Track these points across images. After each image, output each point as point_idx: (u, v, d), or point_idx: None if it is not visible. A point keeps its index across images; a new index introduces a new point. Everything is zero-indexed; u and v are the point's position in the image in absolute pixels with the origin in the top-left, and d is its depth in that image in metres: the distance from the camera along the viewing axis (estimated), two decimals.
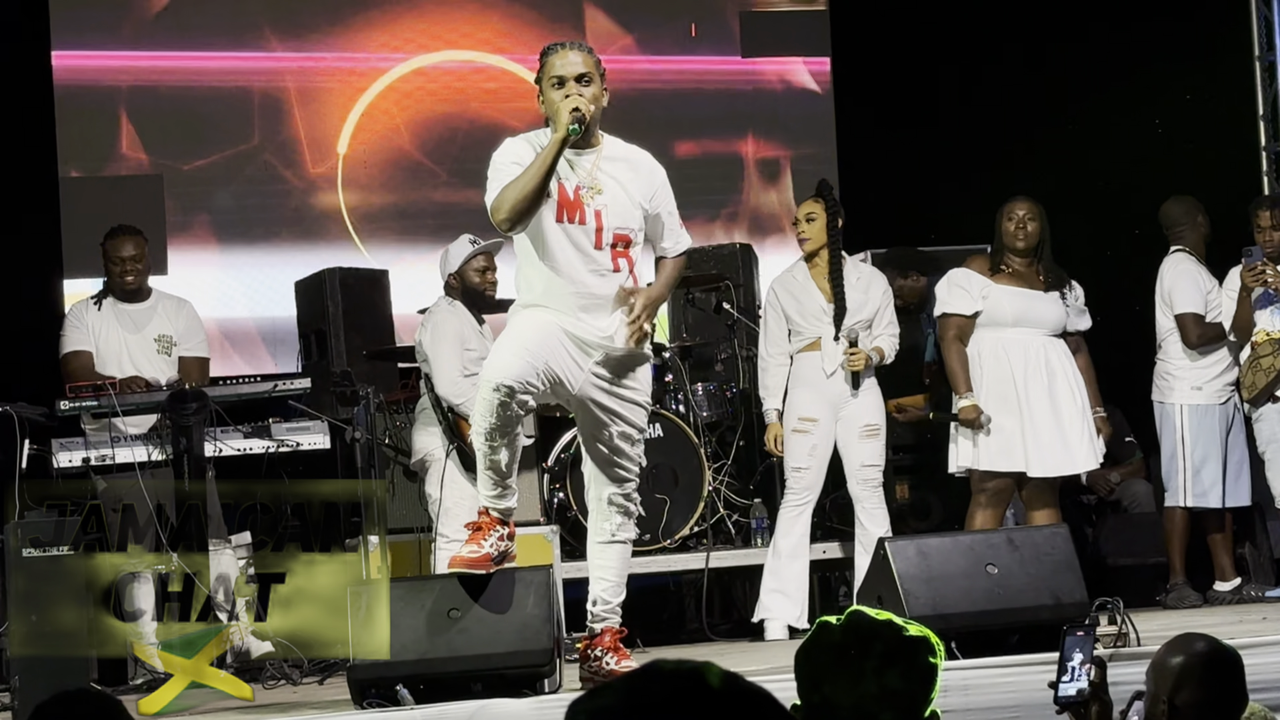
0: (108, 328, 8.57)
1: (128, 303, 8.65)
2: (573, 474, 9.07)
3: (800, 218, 8.86)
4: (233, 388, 8.06)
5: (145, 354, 8.55)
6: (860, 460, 8.71)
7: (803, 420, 8.75)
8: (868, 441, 8.74)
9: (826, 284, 8.76)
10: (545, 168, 6.37)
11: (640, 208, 6.59)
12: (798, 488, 8.76)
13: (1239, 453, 9.34)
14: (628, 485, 6.74)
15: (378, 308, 10.11)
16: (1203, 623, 7.89)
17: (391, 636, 6.64)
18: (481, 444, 6.44)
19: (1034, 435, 8.51)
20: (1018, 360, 8.57)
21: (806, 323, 8.77)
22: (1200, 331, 9.27)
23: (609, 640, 6.79)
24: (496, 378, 6.31)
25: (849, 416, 8.75)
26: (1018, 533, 7.63)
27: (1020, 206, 8.73)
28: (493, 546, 6.59)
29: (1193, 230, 9.42)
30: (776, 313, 8.85)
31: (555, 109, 6.45)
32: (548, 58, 6.56)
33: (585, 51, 6.58)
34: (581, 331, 6.52)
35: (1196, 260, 9.39)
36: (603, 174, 6.54)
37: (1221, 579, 9.34)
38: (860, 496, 8.72)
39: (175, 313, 8.74)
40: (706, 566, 9.20)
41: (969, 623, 6.99)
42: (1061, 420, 8.54)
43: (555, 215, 6.49)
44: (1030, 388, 8.54)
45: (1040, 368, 8.56)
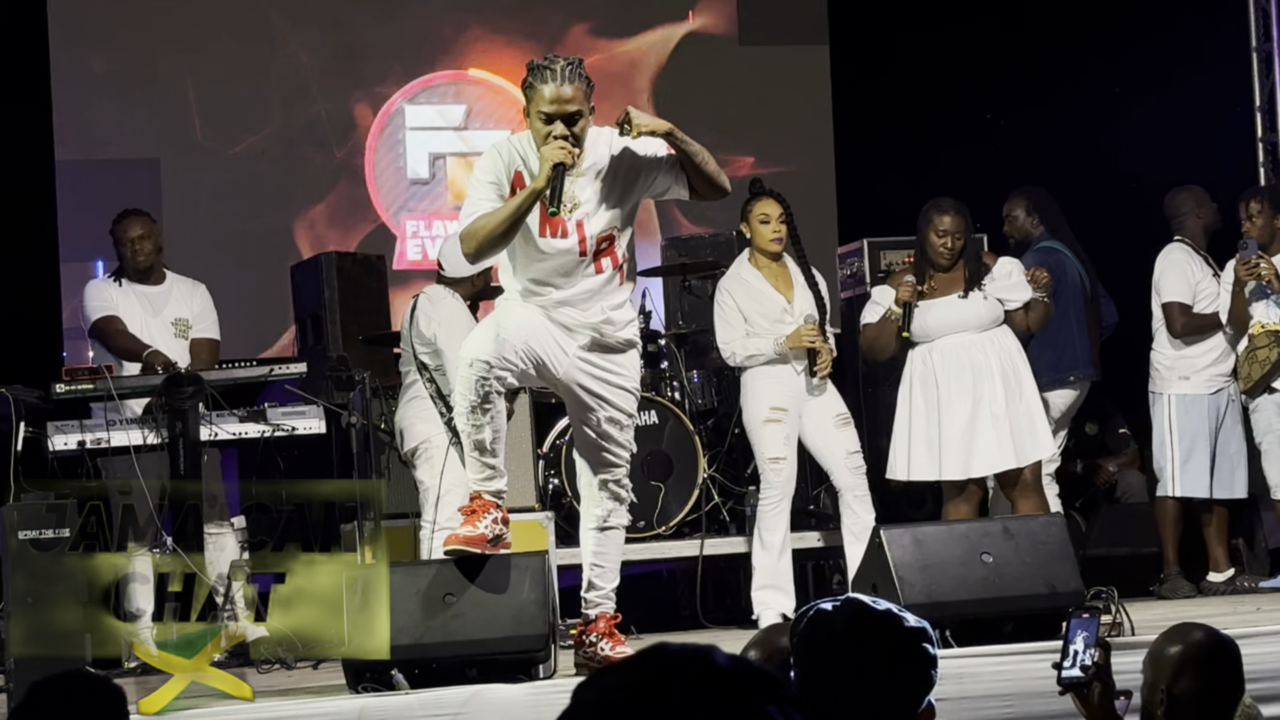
0: (130, 307, 8.61)
1: (144, 284, 8.68)
2: (567, 461, 9.07)
3: (771, 217, 8.74)
4: (228, 372, 8.07)
5: (164, 336, 8.57)
6: (844, 448, 8.69)
7: (774, 410, 8.70)
8: (844, 429, 8.73)
9: (779, 284, 8.74)
10: (516, 216, 6.38)
11: (624, 200, 6.55)
12: (777, 480, 8.71)
13: (1235, 444, 9.35)
14: (617, 470, 6.75)
15: (375, 292, 10.10)
16: (1196, 613, 7.91)
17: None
18: (464, 423, 6.49)
19: (951, 438, 8.50)
20: (941, 366, 8.56)
21: (769, 324, 8.69)
22: (1185, 321, 9.29)
23: (604, 626, 6.81)
24: (472, 354, 6.38)
25: (815, 410, 8.73)
26: (1013, 521, 7.63)
27: (945, 219, 8.63)
28: (487, 528, 6.61)
29: (1193, 220, 9.45)
30: (735, 312, 8.73)
31: (540, 138, 6.40)
32: (537, 86, 6.41)
33: (575, 81, 6.42)
34: (566, 319, 6.55)
35: (1191, 250, 9.41)
36: (580, 189, 6.53)
37: (1215, 570, 9.35)
38: (850, 484, 8.70)
39: (190, 295, 8.79)
40: (701, 554, 9.21)
41: (964, 611, 7.00)
42: (993, 418, 8.51)
43: (538, 230, 6.50)
44: (952, 392, 8.52)
45: (965, 369, 8.54)
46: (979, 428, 8.50)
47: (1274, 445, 9.08)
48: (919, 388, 8.61)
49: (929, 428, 8.56)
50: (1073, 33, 11.75)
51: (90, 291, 8.76)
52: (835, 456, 8.72)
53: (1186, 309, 9.31)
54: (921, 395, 8.60)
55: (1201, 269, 9.38)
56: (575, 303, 6.56)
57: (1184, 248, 9.42)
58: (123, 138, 11.53)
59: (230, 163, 11.67)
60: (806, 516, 9.45)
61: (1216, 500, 9.36)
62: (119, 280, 8.71)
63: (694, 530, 9.37)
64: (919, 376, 8.61)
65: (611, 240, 6.57)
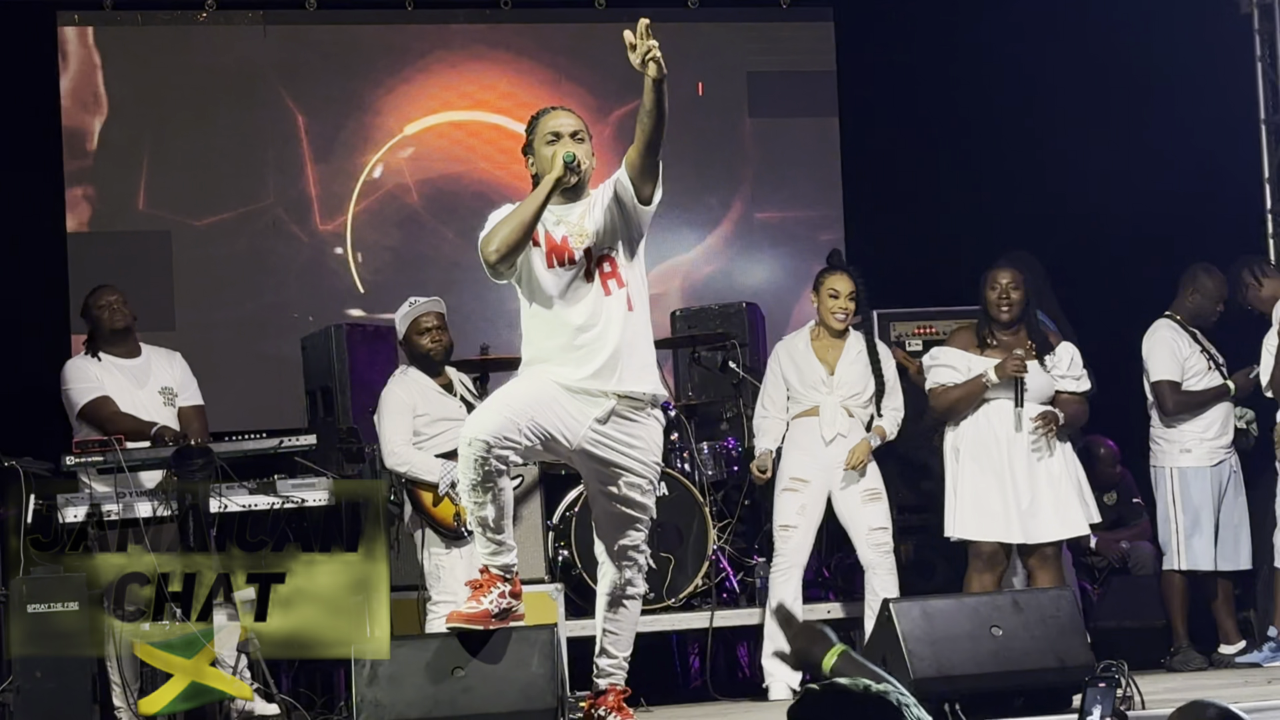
0: (115, 382, 8.56)
1: (122, 357, 8.65)
2: (577, 532, 9.08)
3: (841, 293, 8.86)
4: (238, 444, 8.05)
5: (155, 406, 8.54)
6: (868, 524, 8.73)
7: (794, 480, 8.80)
8: (871, 505, 8.77)
9: (828, 355, 8.84)
10: (538, 204, 6.44)
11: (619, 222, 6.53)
12: (785, 549, 8.79)
13: (1238, 516, 9.35)
14: (636, 536, 6.69)
15: (385, 363, 10.10)
16: (1206, 685, 7.90)
17: (396, 694, 6.64)
18: (467, 500, 6.46)
19: (1015, 503, 8.50)
20: (1001, 429, 8.57)
21: (805, 390, 8.87)
22: (1176, 399, 9.30)
23: (613, 700, 6.79)
24: (471, 433, 6.35)
25: (846, 482, 8.78)
26: (1023, 595, 7.62)
27: (1003, 275, 8.71)
28: (493, 603, 6.58)
29: (1188, 299, 9.45)
30: (777, 377, 8.95)
31: (548, 160, 6.52)
32: (540, 119, 6.65)
33: (575, 115, 6.67)
34: (582, 382, 6.49)
35: (1179, 328, 9.40)
36: (589, 221, 6.56)
37: (1226, 642, 9.32)
38: (872, 562, 8.74)
39: (169, 364, 8.77)
40: (710, 625, 9.19)
41: (973, 685, 6.99)
42: (1045, 487, 8.53)
43: (545, 262, 6.53)
44: (1014, 456, 8.53)
45: (1024, 435, 8.55)
46: (1042, 493, 8.52)
47: None
48: (972, 448, 8.60)
49: (982, 489, 8.55)
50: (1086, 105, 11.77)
51: (72, 373, 8.63)
52: (859, 533, 8.77)
53: (1176, 386, 9.31)
54: (975, 456, 8.59)
55: (1190, 345, 9.38)
56: (593, 345, 6.48)
57: (1171, 325, 9.43)
58: (134, 210, 11.55)
59: (242, 234, 11.68)
60: (822, 588, 9.43)
61: (1221, 572, 9.34)
62: (96, 355, 8.66)
63: (704, 602, 9.36)
64: (972, 437, 8.60)
65: (612, 262, 6.55)
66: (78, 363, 8.73)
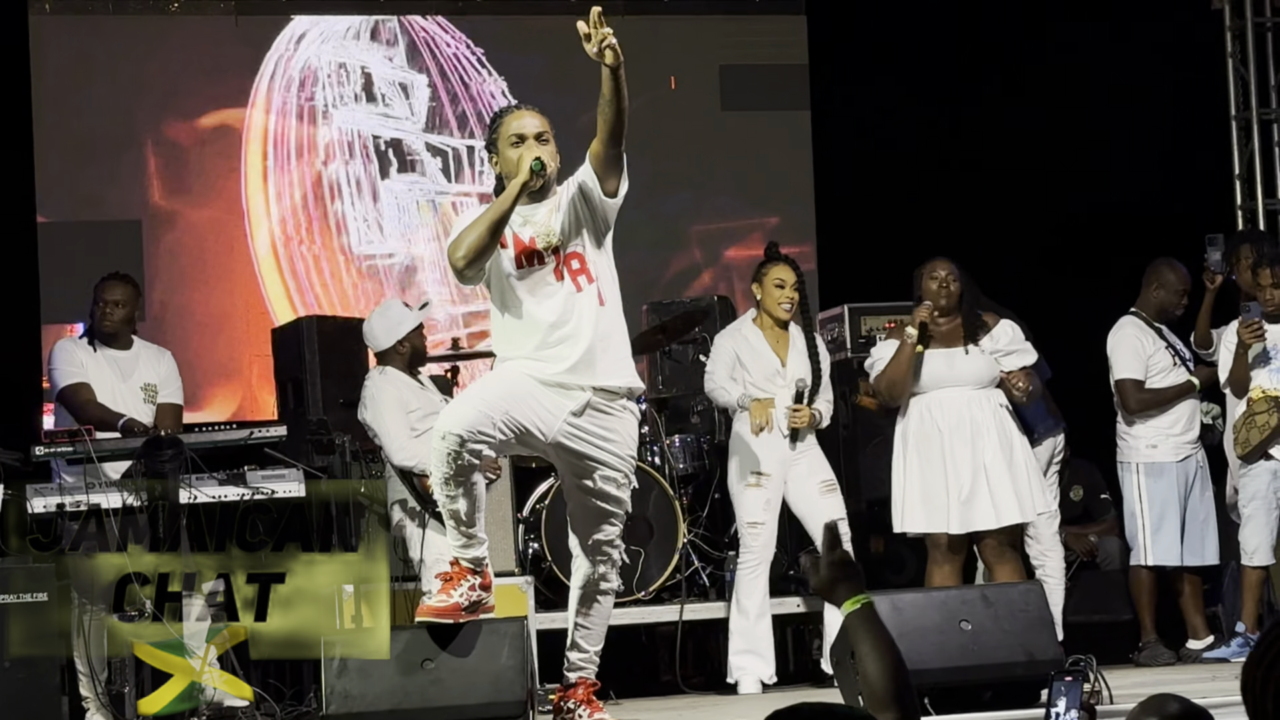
0: (101, 372, 8.57)
1: (115, 349, 8.66)
2: (548, 525, 9.08)
3: (786, 283, 8.85)
4: (208, 434, 8.03)
5: (134, 401, 8.55)
6: (827, 516, 8.70)
7: (756, 475, 8.77)
8: (828, 496, 8.78)
9: (779, 347, 8.83)
10: (504, 209, 6.40)
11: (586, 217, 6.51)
12: (755, 545, 8.79)
13: (1204, 512, 9.36)
14: (611, 531, 6.69)
15: (355, 356, 10.09)
16: (1174, 679, 7.92)
17: (365, 685, 6.64)
18: (439, 493, 6.45)
19: (956, 492, 8.49)
20: (941, 419, 8.56)
21: (761, 382, 8.83)
22: (1139, 397, 9.31)
23: (582, 693, 6.79)
24: (445, 427, 6.33)
25: (799, 475, 8.79)
26: (992, 589, 7.63)
27: (941, 267, 8.70)
28: (463, 596, 6.58)
29: (1153, 294, 9.43)
30: (728, 358, 8.86)
31: (514, 163, 6.49)
32: (503, 119, 6.61)
33: (540, 114, 6.63)
34: (557, 377, 6.48)
35: (1143, 324, 9.40)
36: (555, 219, 6.55)
37: (1194, 637, 9.35)
38: None
39: (157, 361, 8.78)
40: (680, 619, 9.20)
41: (942, 679, 6.99)
42: (991, 474, 8.52)
43: (515, 264, 6.51)
44: (955, 445, 8.53)
45: (965, 424, 8.55)
46: (980, 483, 8.50)
47: (1259, 511, 9.03)
48: (916, 441, 8.59)
49: (927, 481, 8.54)
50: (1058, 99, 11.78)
51: (60, 355, 8.66)
52: (818, 524, 8.72)
53: (1139, 385, 9.32)
54: (918, 448, 8.59)
55: (1154, 342, 9.38)
56: (567, 341, 6.48)
57: (1136, 321, 9.42)
58: (104, 200, 11.53)
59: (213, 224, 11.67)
60: (788, 581, 9.44)
61: (1188, 568, 9.37)
62: (91, 343, 8.68)
63: (674, 595, 9.36)
64: (916, 430, 8.60)
65: (581, 259, 6.53)
66: (66, 345, 8.79)
